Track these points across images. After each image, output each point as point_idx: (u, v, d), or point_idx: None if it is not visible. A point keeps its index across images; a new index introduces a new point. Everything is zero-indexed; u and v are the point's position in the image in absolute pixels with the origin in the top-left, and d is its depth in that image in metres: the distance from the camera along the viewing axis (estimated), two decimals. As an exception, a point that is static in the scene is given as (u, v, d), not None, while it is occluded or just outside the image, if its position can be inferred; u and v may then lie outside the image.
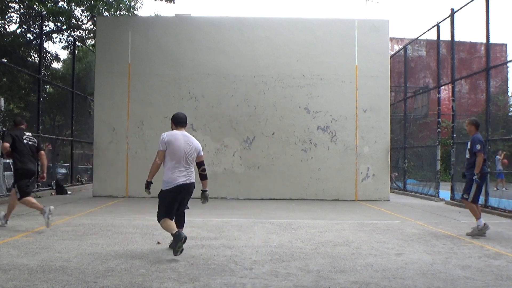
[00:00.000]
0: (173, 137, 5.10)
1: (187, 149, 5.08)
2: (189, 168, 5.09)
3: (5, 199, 10.87)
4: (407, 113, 16.39)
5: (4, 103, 18.29)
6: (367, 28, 12.67)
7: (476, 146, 6.62)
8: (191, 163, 5.12)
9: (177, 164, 5.01)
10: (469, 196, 6.73)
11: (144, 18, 15.03)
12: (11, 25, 16.77)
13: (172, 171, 4.99)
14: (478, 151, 6.61)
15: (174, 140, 5.06)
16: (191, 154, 5.11)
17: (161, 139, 5.08)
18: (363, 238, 6.36)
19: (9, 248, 5.30)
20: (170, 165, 5.01)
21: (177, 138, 5.10)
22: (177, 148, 5.03)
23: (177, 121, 5.29)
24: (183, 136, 5.17)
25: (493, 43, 17.47)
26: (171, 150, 5.02)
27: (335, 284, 4.00)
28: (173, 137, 5.09)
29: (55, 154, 18.98)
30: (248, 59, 12.66)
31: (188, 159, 5.08)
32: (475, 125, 6.94)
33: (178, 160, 5.01)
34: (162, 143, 5.07)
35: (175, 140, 5.07)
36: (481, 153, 6.60)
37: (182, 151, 5.04)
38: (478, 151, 6.61)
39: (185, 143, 5.10)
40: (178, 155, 5.02)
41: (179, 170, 5.00)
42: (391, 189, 14.24)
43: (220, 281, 4.03)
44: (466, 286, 4.01)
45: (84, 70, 20.78)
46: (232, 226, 7.27)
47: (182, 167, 5.02)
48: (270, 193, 12.35)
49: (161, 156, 5.06)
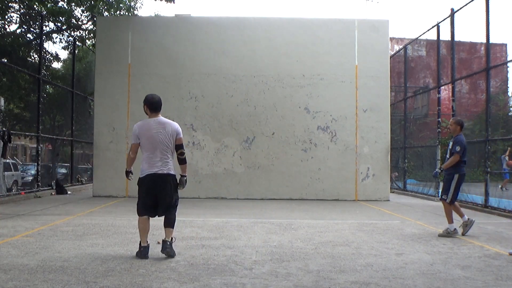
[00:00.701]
0: (144, 127, 4.83)
1: (161, 138, 4.80)
2: (165, 157, 4.84)
3: (5, 199, 10.88)
4: (407, 113, 16.39)
5: (4, 103, 18.32)
6: (367, 28, 12.68)
7: (456, 147, 6.56)
8: (167, 152, 4.85)
9: (151, 154, 4.81)
10: (447, 197, 6.69)
11: (144, 18, 15.04)
12: (11, 25, 16.77)
13: (147, 162, 4.83)
14: (456, 152, 6.55)
15: (146, 131, 4.80)
16: (166, 143, 4.83)
17: (133, 132, 4.90)
18: (363, 238, 6.36)
19: (9, 248, 5.30)
20: (145, 156, 4.85)
21: (149, 127, 4.81)
22: (150, 139, 4.79)
23: (151, 107, 4.90)
24: (157, 124, 4.83)
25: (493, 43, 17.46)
26: (145, 141, 4.81)
27: (335, 284, 4.00)
28: (144, 128, 4.82)
29: (55, 154, 19.00)
30: (248, 59, 12.66)
31: (163, 149, 4.82)
32: (460, 125, 6.82)
33: (152, 151, 4.80)
34: (134, 136, 4.88)
35: (147, 130, 4.80)
36: (458, 155, 6.54)
37: (155, 141, 4.79)
38: (457, 152, 6.54)
39: (157, 132, 4.80)
40: (152, 146, 4.79)
41: (153, 161, 4.80)
42: (391, 189, 14.24)
43: (220, 281, 4.03)
44: (466, 286, 4.01)
45: (84, 70, 20.77)
46: (232, 226, 7.27)
47: (156, 158, 4.80)
48: (270, 193, 12.35)
49: (134, 150, 4.92)
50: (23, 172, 18.69)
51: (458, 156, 6.56)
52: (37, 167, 13.48)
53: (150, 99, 4.88)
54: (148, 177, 4.81)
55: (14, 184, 16.43)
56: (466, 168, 6.84)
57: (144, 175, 4.83)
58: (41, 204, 10.36)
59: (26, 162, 27.86)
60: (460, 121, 6.93)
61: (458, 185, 6.65)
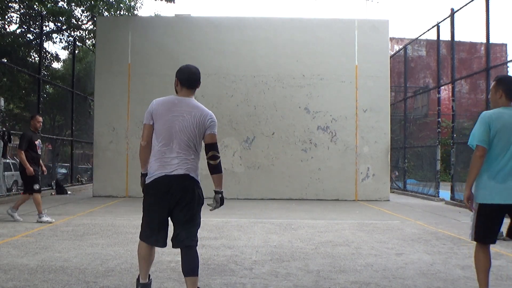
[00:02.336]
0: (164, 105, 3.20)
1: (180, 125, 3.13)
2: (185, 155, 3.15)
3: (5, 199, 10.88)
4: (407, 113, 16.39)
5: (4, 103, 18.32)
6: (367, 28, 12.68)
7: None
8: (188, 147, 3.15)
9: (165, 147, 3.14)
10: None
11: (144, 18, 15.04)
12: (11, 25, 16.79)
13: (157, 158, 3.16)
14: None
15: (165, 111, 3.17)
16: (189, 133, 3.14)
17: (148, 109, 3.25)
18: (363, 238, 6.36)
19: (9, 248, 5.30)
20: (156, 149, 3.18)
21: (170, 107, 3.18)
22: (166, 123, 3.14)
23: (184, 80, 3.28)
24: (182, 104, 3.20)
25: (493, 43, 17.47)
26: (159, 125, 3.17)
27: (335, 284, 4.00)
28: (164, 106, 3.19)
29: (55, 154, 18.99)
30: (248, 59, 12.66)
31: (182, 140, 3.13)
32: None
33: (166, 142, 3.14)
34: (147, 114, 3.23)
35: (167, 111, 3.17)
36: None
37: (172, 127, 3.13)
38: None
39: (178, 115, 3.14)
40: (166, 134, 3.14)
41: (167, 157, 3.13)
42: (391, 189, 14.24)
43: (220, 281, 4.03)
44: (466, 286, 4.01)
45: (84, 70, 20.78)
46: (232, 226, 7.27)
47: (173, 153, 3.13)
48: (270, 193, 12.35)
49: (145, 134, 3.21)
50: (23, 172, 18.64)
51: None
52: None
53: (184, 69, 3.31)
54: (157, 182, 3.14)
55: (14, 184, 16.43)
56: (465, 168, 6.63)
57: (152, 179, 3.17)
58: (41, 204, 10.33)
59: (26, 162, 27.79)
60: None
61: None
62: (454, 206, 11.04)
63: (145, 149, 3.25)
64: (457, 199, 11.43)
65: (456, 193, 11.58)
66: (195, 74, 3.30)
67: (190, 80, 3.28)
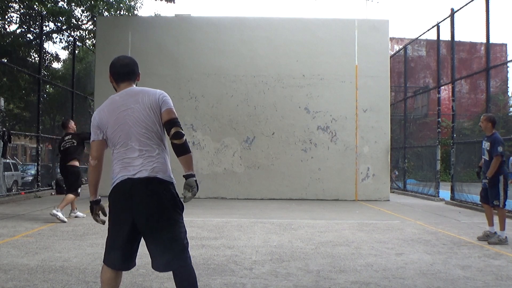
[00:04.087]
0: (106, 110, 2.75)
1: (133, 118, 2.68)
2: (148, 152, 2.68)
3: (5, 199, 10.88)
4: (407, 113, 16.39)
5: (4, 103, 18.32)
6: (367, 28, 12.68)
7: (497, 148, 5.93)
8: (150, 139, 2.69)
9: (124, 147, 2.72)
10: (499, 202, 6.03)
11: (144, 18, 15.03)
12: (11, 25, 16.78)
13: (118, 161, 2.75)
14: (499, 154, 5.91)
15: (110, 114, 2.73)
16: (144, 122, 2.68)
17: (92, 122, 2.81)
18: (363, 238, 6.36)
19: (9, 248, 5.30)
20: (115, 154, 2.78)
21: (114, 108, 2.74)
22: (117, 122, 2.71)
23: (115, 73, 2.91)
24: (125, 97, 2.76)
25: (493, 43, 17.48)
26: (110, 130, 2.73)
27: (335, 284, 4.00)
28: (106, 111, 2.75)
29: (55, 154, 18.98)
30: (248, 59, 12.66)
31: (140, 134, 2.68)
32: (492, 122, 6.17)
33: (124, 142, 2.71)
34: (92, 128, 2.79)
35: (111, 113, 2.73)
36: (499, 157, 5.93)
37: (125, 123, 2.69)
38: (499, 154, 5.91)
39: (126, 109, 2.70)
40: (122, 134, 2.70)
41: (129, 157, 2.70)
42: (391, 189, 14.24)
43: (220, 281, 4.03)
44: (466, 286, 4.01)
45: (84, 70, 20.79)
46: (232, 226, 7.27)
47: (134, 152, 2.68)
48: (270, 193, 12.35)
49: (95, 151, 2.81)
50: (23, 172, 18.70)
51: (500, 158, 5.95)
52: (37, 167, 13.49)
53: (115, 63, 2.96)
54: (119, 187, 2.70)
55: (14, 184, 16.44)
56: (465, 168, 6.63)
57: (114, 185, 2.75)
58: (41, 204, 10.36)
59: (26, 162, 27.88)
60: (492, 118, 6.27)
61: (505, 187, 6.07)
62: (454, 206, 11.04)
63: (95, 169, 2.81)
64: (457, 199, 11.43)
65: (456, 193, 11.58)
66: (127, 66, 2.88)
67: (121, 73, 2.84)
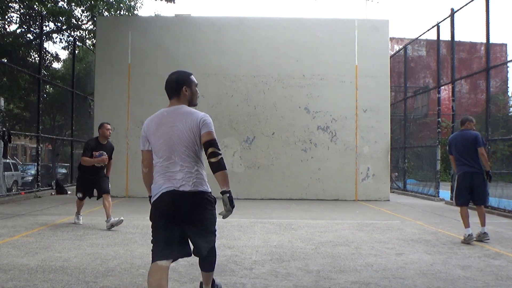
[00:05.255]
0: (154, 122, 3.09)
1: (176, 135, 2.99)
2: (188, 168, 2.99)
3: (5, 199, 10.88)
4: (407, 113, 16.39)
5: (4, 103, 18.33)
6: (367, 28, 12.68)
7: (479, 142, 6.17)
8: (190, 157, 3.00)
9: (167, 161, 3.01)
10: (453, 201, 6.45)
11: (144, 18, 15.03)
12: (11, 25, 16.78)
13: (161, 174, 3.03)
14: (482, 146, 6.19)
15: (157, 127, 3.06)
16: (187, 141, 2.99)
17: (142, 132, 3.18)
18: (363, 238, 6.36)
19: (9, 248, 5.30)
20: (158, 166, 3.06)
21: (161, 122, 3.06)
22: (162, 138, 3.02)
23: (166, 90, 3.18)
24: (172, 115, 3.05)
25: (493, 43, 17.48)
26: (154, 143, 3.06)
27: (335, 284, 4.00)
28: (154, 123, 3.09)
29: (55, 154, 19.02)
30: (248, 59, 12.66)
31: (182, 151, 2.98)
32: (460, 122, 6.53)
33: (167, 156, 3.01)
34: (142, 138, 3.16)
35: (158, 126, 3.05)
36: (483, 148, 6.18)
37: (169, 139, 3.00)
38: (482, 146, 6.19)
39: (172, 126, 3.01)
40: (165, 149, 3.01)
41: (171, 171, 2.99)
42: (391, 189, 14.24)
43: (220, 281, 4.02)
44: (466, 286, 4.01)
45: (84, 70, 20.80)
46: (232, 226, 7.27)
47: (176, 166, 2.99)
48: (270, 193, 12.35)
49: (146, 160, 3.14)
50: (23, 172, 18.71)
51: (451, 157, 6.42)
52: (37, 167, 13.48)
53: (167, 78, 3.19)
54: (164, 197, 2.99)
55: (14, 184, 16.44)
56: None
57: (159, 194, 3.00)
58: (41, 204, 10.36)
59: (26, 162, 27.90)
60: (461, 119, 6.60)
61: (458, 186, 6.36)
62: (454, 206, 11.01)
63: (147, 175, 3.18)
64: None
65: (454, 193, 11.56)
66: (170, 81, 3.15)
67: (167, 89, 3.16)
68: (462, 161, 6.28)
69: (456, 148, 6.36)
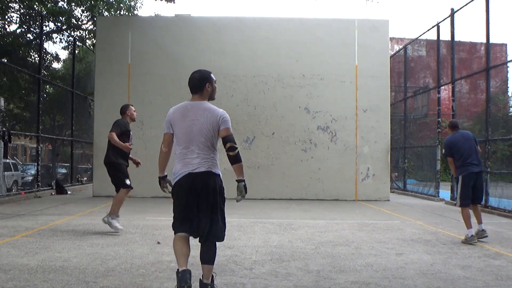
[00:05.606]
0: (179, 113, 3.58)
1: (197, 128, 3.51)
2: (205, 153, 3.53)
3: (5, 199, 10.88)
4: (407, 113, 16.39)
5: (4, 103, 18.33)
6: (367, 28, 12.67)
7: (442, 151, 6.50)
8: (207, 146, 3.54)
9: (185, 150, 3.53)
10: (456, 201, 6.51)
11: (144, 18, 15.03)
12: (11, 25, 16.79)
13: (180, 160, 3.55)
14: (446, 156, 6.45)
15: (181, 117, 3.55)
16: (205, 134, 3.51)
17: (166, 117, 3.65)
18: (363, 238, 6.36)
19: (9, 248, 5.30)
20: (178, 153, 3.59)
21: (184, 114, 3.55)
22: (184, 129, 3.53)
23: (189, 85, 3.65)
24: (195, 109, 3.55)
25: (493, 43, 17.46)
26: (178, 132, 3.57)
27: (335, 284, 4.00)
28: (179, 113, 3.57)
29: (55, 154, 19.01)
30: (248, 59, 12.66)
31: (201, 142, 3.51)
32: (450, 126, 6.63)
33: (187, 145, 3.52)
34: (166, 123, 3.64)
35: (182, 117, 3.54)
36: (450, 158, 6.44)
37: (190, 131, 3.51)
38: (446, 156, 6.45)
39: (194, 119, 3.52)
40: (186, 138, 3.52)
41: (189, 158, 3.51)
42: (391, 189, 14.24)
43: (220, 281, 4.02)
44: (466, 286, 4.01)
45: (84, 70, 20.79)
46: (232, 226, 7.26)
47: (193, 154, 3.51)
48: (270, 193, 12.34)
49: (166, 141, 3.63)
50: (23, 172, 18.70)
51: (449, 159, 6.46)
52: (37, 167, 13.48)
53: (190, 77, 3.66)
54: (182, 180, 3.51)
55: (14, 184, 16.43)
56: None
57: (178, 179, 3.54)
58: (41, 204, 10.36)
59: (26, 162, 27.88)
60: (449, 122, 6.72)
61: (464, 187, 6.30)
62: (454, 206, 11.03)
63: (165, 154, 3.66)
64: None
65: (456, 193, 11.55)
66: (193, 79, 3.61)
67: (191, 86, 3.62)
68: (468, 162, 6.30)
69: (461, 150, 6.36)
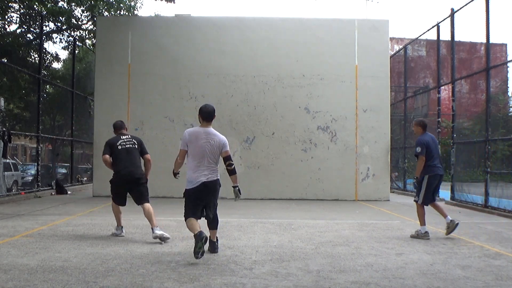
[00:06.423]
0: (194, 136, 4.96)
1: (208, 149, 4.94)
2: (212, 166, 4.97)
3: (5, 199, 10.88)
4: (407, 113, 16.39)
5: (4, 103, 18.34)
6: (367, 28, 12.67)
7: (416, 149, 6.49)
8: (214, 161, 4.99)
9: (199, 164, 4.91)
10: (418, 198, 6.61)
11: (144, 18, 15.03)
12: (11, 25, 16.78)
13: (194, 171, 4.90)
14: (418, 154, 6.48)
15: (195, 139, 4.94)
16: (214, 153, 4.97)
17: (183, 138, 5.01)
18: (363, 238, 6.36)
19: (9, 248, 5.30)
20: (192, 165, 4.93)
21: (198, 137, 4.95)
22: (198, 148, 4.92)
23: (204, 116, 5.05)
24: (206, 134, 4.98)
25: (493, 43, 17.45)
26: (192, 149, 4.94)
27: (335, 284, 4.00)
28: (194, 136, 4.96)
29: (55, 154, 19.01)
30: (248, 59, 12.65)
31: (210, 158, 4.95)
32: (421, 126, 6.70)
33: (200, 160, 4.91)
34: (183, 142, 5.00)
35: (196, 139, 4.94)
36: (421, 157, 6.46)
37: (204, 150, 4.92)
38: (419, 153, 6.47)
39: (206, 142, 4.94)
40: (199, 155, 4.91)
41: (201, 169, 4.90)
42: (391, 189, 14.24)
43: (220, 281, 4.02)
44: (466, 286, 4.01)
45: (84, 70, 20.79)
46: (232, 226, 7.27)
47: (203, 167, 4.91)
48: (270, 193, 12.34)
49: (182, 156, 5.05)
50: (23, 172, 18.70)
51: (422, 158, 6.47)
52: (37, 167, 13.48)
53: (204, 109, 5.06)
54: (200, 186, 4.89)
55: (14, 184, 16.42)
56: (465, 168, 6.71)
57: (194, 186, 4.89)
58: (41, 204, 10.36)
59: (26, 162, 27.87)
60: (421, 122, 6.82)
61: (428, 187, 6.53)
62: (454, 206, 11.03)
63: (180, 164, 5.16)
64: (457, 199, 11.43)
65: (456, 193, 11.57)
66: (212, 112, 5.10)
67: (207, 117, 5.08)
68: (435, 164, 6.58)
69: (433, 151, 6.59)
